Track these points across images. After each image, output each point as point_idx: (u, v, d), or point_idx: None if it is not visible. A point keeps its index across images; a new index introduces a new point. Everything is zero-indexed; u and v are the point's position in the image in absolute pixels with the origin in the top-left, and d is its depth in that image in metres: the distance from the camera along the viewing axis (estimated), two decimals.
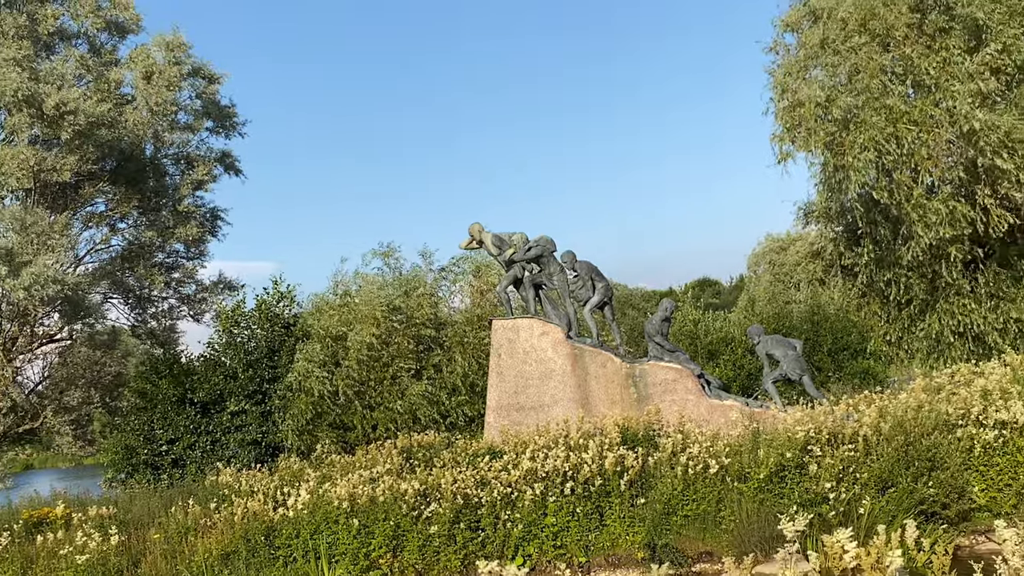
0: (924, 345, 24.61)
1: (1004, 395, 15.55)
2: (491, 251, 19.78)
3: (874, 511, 12.42)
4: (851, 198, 23.39)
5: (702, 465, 14.28)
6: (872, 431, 14.48)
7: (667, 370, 17.87)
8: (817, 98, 21.82)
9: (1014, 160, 20.00)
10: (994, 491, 14.20)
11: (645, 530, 13.91)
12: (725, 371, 24.32)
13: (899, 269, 24.08)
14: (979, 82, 20.29)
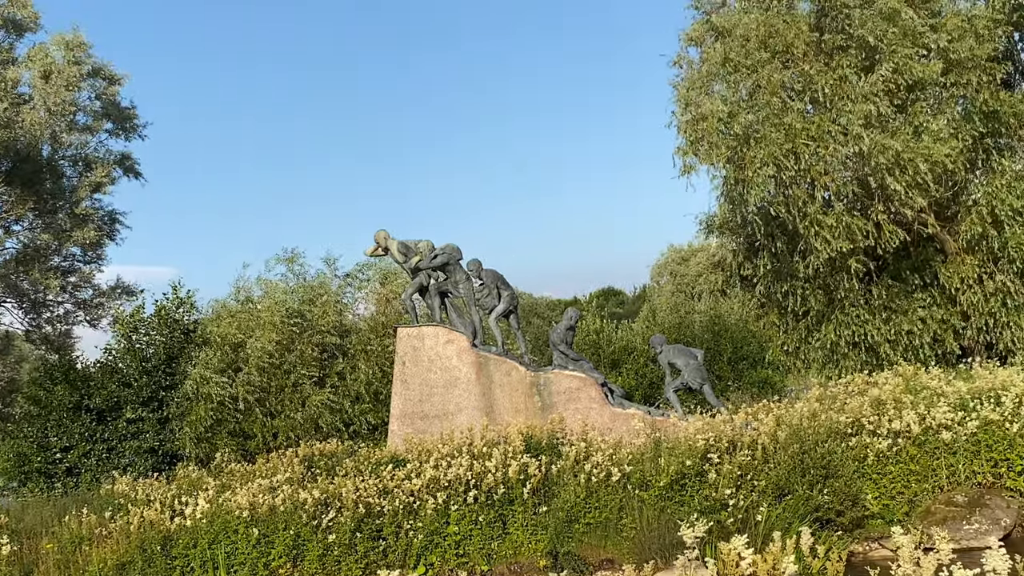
0: (820, 355, 25.23)
1: (897, 405, 16.03)
2: (397, 258, 19.72)
3: (771, 518, 12.66)
4: (751, 211, 23.86)
5: (605, 473, 14.40)
6: (769, 439, 14.78)
7: (571, 379, 18.00)
8: (719, 113, 22.21)
9: (904, 180, 20.61)
10: (887, 499, 14.62)
11: (548, 538, 13.97)
12: (628, 380, 24.55)
13: (796, 281, 24.66)
14: (871, 103, 20.89)
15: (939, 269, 23.58)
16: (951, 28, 21.77)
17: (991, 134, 23.09)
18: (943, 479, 14.81)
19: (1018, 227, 21.77)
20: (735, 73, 22.49)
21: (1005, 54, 24.08)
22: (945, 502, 14.53)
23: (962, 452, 14.83)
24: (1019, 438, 14.66)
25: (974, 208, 22.61)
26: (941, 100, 22.49)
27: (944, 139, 20.94)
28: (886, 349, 23.64)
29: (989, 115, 22.36)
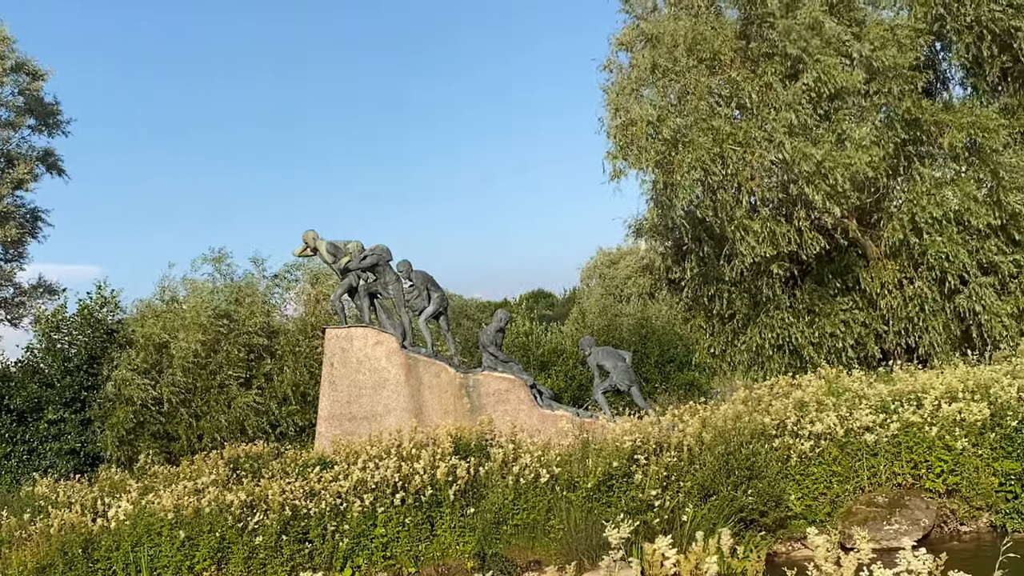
0: (746, 357, 25.53)
1: (819, 407, 16.31)
2: (326, 259, 19.59)
3: (697, 518, 12.81)
4: (679, 215, 24.09)
5: (533, 475, 14.46)
6: (695, 440, 14.96)
7: (501, 380, 18.04)
8: (649, 117, 22.37)
9: (823, 189, 20.96)
10: (810, 499, 14.87)
11: (475, 539, 14.00)
12: (557, 382, 24.68)
13: (723, 285, 24.94)
14: (794, 111, 21.22)
15: (861, 274, 24.00)
16: (874, 37, 22.18)
17: (913, 141, 23.56)
18: (864, 480, 15.11)
19: (937, 234, 22.24)
20: (664, 78, 22.68)
21: (927, 63, 24.60)
22: (866, 503, 14.82)
23: (883, 454, 15.14)
24: (938, 440, 15.00)
25: (895, 215, 23.06)
26: (864, 108, 22.90)
27: (866, 147, 21.31)
28: (809, 352, 24.01)
29: (911, 123, 22.82)
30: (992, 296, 22.39)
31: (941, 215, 22.08)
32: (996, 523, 14.62)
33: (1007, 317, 22.37)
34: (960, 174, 22.93)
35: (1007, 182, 21.83)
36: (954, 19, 22.83)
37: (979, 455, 14.89)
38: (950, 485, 14.88)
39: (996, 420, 15.31)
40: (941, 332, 22.97)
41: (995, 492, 14.74)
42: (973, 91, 24.92)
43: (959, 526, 14.85)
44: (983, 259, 22.35)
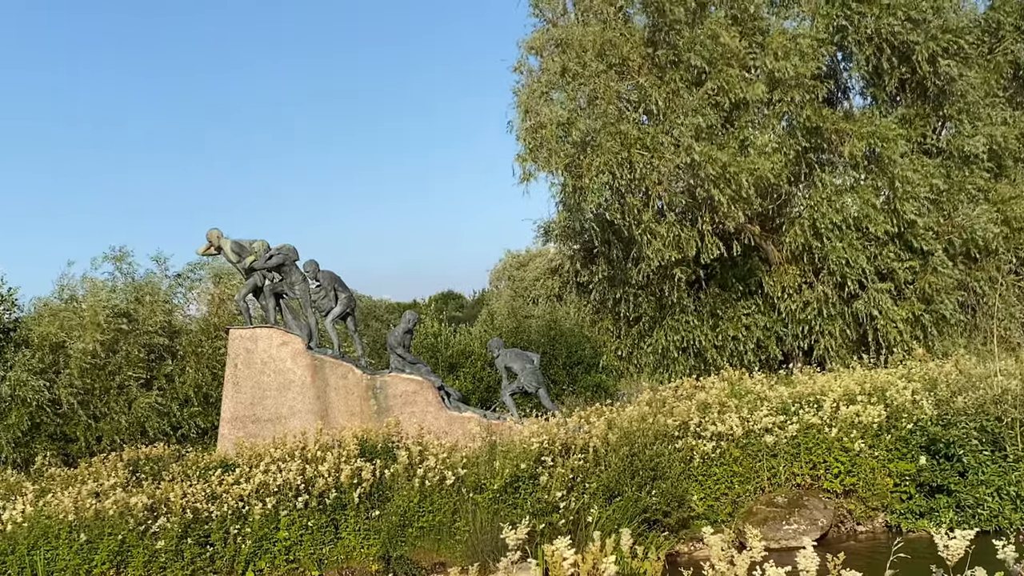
0: (652, 360, 25.87)
1: (722, 408, 16.59)
2: (230, 258, 19.26)
3: (602, 519, 12.92)
4: (588, 218, 24.30)
5: (439, 477, 14.44)
6: (601, 442, 15.09)
7: (408, 382, 17.96)
8: (559, 119, 22.52)
9: (728, 192, 21.35)
10: (712, 500, 15.12)
11: (380, 542, 13.94)
12: (465, 383, 24.64)
13: (630, 288, 25.23)
14: (700, 116, 21.57)
15: (764, 278, 24.49)
16: (777, 46, 22.64)
17: (814, 149, 24.13)
18: (765, 481, 15.41)
19: (837, 240, 22.79)
20: (574, 82, 22.86)
21: (829, 73, 25.22)
22: (766, 503, 15.11)
23: (783, 455, 15.46)
24: (836, 442, 15.37)
25: (797, 220, 23.58)
26: (766, 116, 23.39)
27: (768, 153, 21.77)
28: (713, 354, 24.43)
29: (812, 131, 23.35)
30: (888, 301, 23.03)
31: (841, 221, 22.66)
32: (891, 523, 15.03)
33: (902, 322, 23.03)
34: (860, 182, 23.55)
35: (902, 192, 22.46)
36: (855, 31, 23.44)
37: (875, 456, 15.30)
38: (847, 486, 15.25)
39: (892, 422, 15.75)
40: (838, 336, 23.57)
41: (890, 493, 15.16)
42: (873, 101, 25.62)
43: (856, 526, 15.22)
44: (881, 265, 22.97)
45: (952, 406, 16.13)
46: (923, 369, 19.19)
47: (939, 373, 18.49)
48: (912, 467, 15.04)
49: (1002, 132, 24.13)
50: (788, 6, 25.06)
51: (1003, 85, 25.77)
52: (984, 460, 14.62)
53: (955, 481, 14.54)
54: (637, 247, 23.27)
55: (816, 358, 23.88)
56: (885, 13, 22.81)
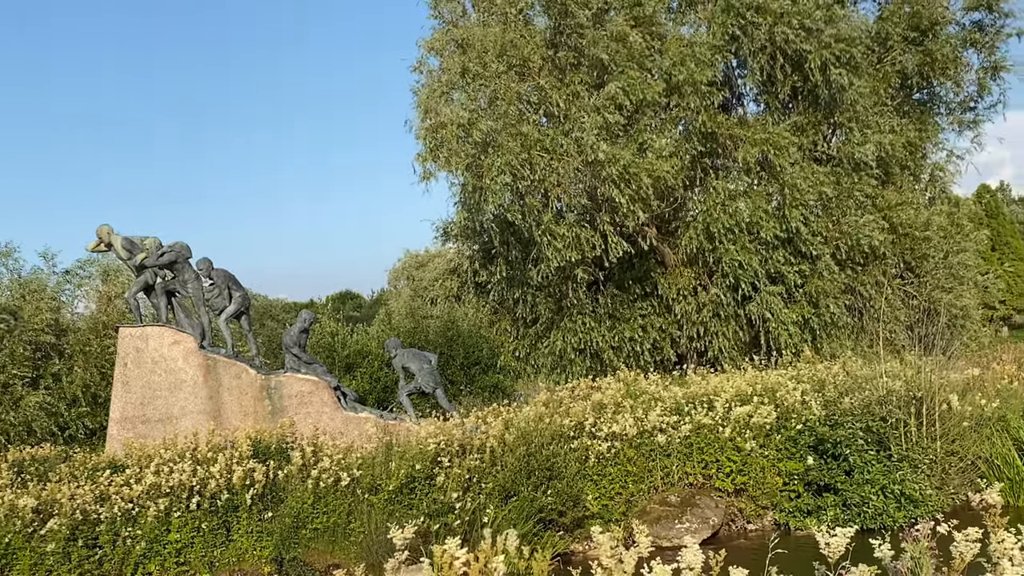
0: (549, 361, 26.01)
1: (617, 408, 16.75)
2: (121, 255, 18.79)
3: (497, 519, 12.94)
4: (488, 219, 24.32)
5: (334, 478, 14.30)
6: (498, 442, 15.10)
7: (303, 382, 17.75)
8: (460, 119, 22.47)
9: (629, 192, 21.59)
10: (606, 499, 15.24)
11: (273, 544, 13.75)
12: (362, 384, 24.46)
13: (529, 289, 25.34)
14: (604, 115, 21.75)
15: (660, 280, 24.83)
16: (674, 53, 22.99)
17: (709, 154, 24.57)
18: (658, 480, 15.60)
19: (730, 243, 23.22)
20: (474, 83, 22.85)
21: (724, 79, 25.70)
22: (660, 502, 15.30)
23: (676, 454, 15.67)
24: (728, 442, 15.64)
25: (692, 224, 23.97)
26: (664, 120, 23.73)
27: (666, 157, 22.09)
28: (610, 355, 24.67)
29: (708, 136, 23.77)
30: (780, 304, 23.55)
31: (734, 225, 23.09)
32: (780, 521, 15.33)
33: (792, 325, 23.57)
34: (752, 187, 24.03)
35: (791, 199, 22.98)
36: (749, 39, 23.90)
37: (766, 456, 15.59)
38: (738, 485, 15.52)
39: (782, 422, 16.07)
40: (731, 338, 24.01)
41: (779, 491, 15.46)
42: (766, 108, 26.17)
43: (746, 524, 15.50)
44: (772, 269, 23.46)
45: (839, 407, 16.53)
46: (812, 370, 19.65)
47: (827, 374, 18.94)
48: (800, 466, 15.37)
49: (890, 140, 24.87)
50: (685, 13, 25.50)
51: (891, 94, 26.58)
52: (869, 459, 14.99)
53: (841, 480, 14.90)
54: (537, 248, 23.37)
55: (710, 359, 24.28)
56: (779, 22, 23.30)
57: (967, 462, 15.85)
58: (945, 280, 26.53)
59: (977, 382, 19.13)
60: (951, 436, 15.85)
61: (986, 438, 16.29)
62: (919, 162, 28.12)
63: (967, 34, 27.25)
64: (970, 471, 15.78)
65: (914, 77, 26.72)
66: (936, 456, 15.53)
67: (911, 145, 26.54)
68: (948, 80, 27.42)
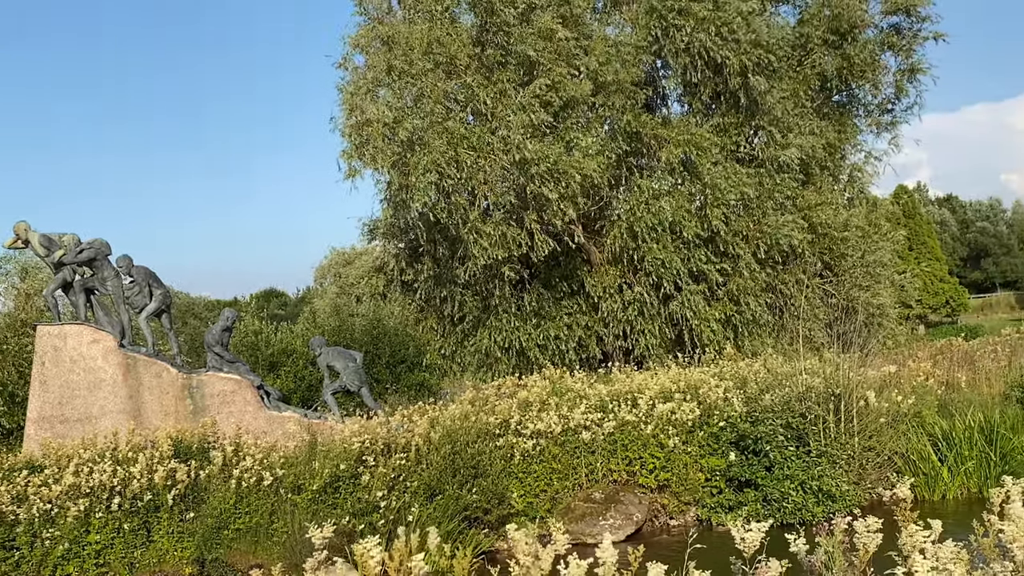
0: (475, 359, 26.04)
1: (543, 406, 16.84)
2: (38, 252, 18.38)
3: (422, 518, 12.93)
4: (414, 217, 24.24)
5: (257, 478, 14.18)
6: (423, 441, 15.10)
7: (226, 381, 17.56)
8: (385, 118, 22.36)
9: (558, 190, 21.70)
10: (531, 496, 15.32)
11: (195, 545, 13.60)
12: (286, 382, 24.24)
13: (455, 287, 25.34)
14: (531, 113, 21.82)
15: (586, 279, 24.99)
16: (600, 52, 23.15)
17: (634, 154, 24.79)
18: (583, 477, 15.72)
19: (654, 242, 23.45)
20: (400, 80, 22.77)
21: (648, 80, 25.96)
22: (584, 499, 15.41)
23: (600, 451, 15.81)
24: (652, 438, 15.81)
25: (617, 223, 24.17)
26: (590, 119, 23.89)
27: (592, 155, 22.23)
28: (536, 353, 24.77)
29: (632, 135, 23.98)
30: (702, 303, 23.85)
31: (657, 224, 23.32)
32: (702, 517, 15.54)
33: (715, 322, 23.89)
34: (676, 187, 24.29)
35: (712, 199, 23.29)
36: (671, 42, 24.15)
37: (688, 452, 15.80)
38: (661, 481, 15.71)
39: (704, 419, 16.30)
40: (656, 335, 24.25)
41: (702, 487, 15.68)
42: (689, 109, 26.50)
43: (669, 520, 15.68)
44: (694, 268, 23.75)
45: (760, 403, 16.81)
46: (734, 368, 19.95)
47: (749, 372, 19.24)
48: (722, 463, 15.60)
49: (810, 142, 25.32)
50: (610, 13, 25.68)
51: (811, 96, 27.07)
52: (789, 455, 15.26)
53: (762, 476, 15.15)
54: (463, 246, 23.38)
55: (635, 357, 24.51)
56: (700, 27, 23.58)
57: (884, 457, 16.20)
58: (863, 279, 27.10)
59: (894, 379, 19.56)
60: (868, 432, 16.19)
61: (902, 434, 16.65)
62: (838, 163, 28.71)
63: (885, 37, 27.87)
64: (887, 466, 16.13)
65: (834, 80, 27.26)
66: (854, 452, 15.85)
67: (831, 146, 27.07)
68: (867, 83, 28.02)
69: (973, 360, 22.80)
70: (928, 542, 5.24)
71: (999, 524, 5.69)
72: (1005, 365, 21.95)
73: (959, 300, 68.75)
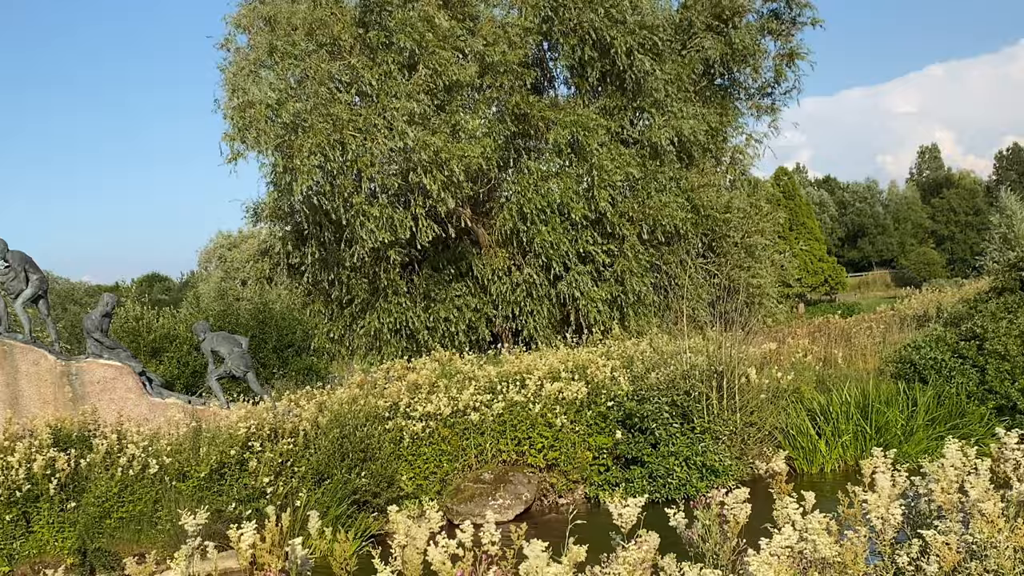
0: (364, 342, 25.89)
1: (432, 389, 16.88)
2: None
3: (310, 503, 12.88)
4: (299, 200, 23.89)
5: (140, 465, 13.93)
6: (311, 425, 15.02)
7: (107, 368, 17.15)
8: (268, 100, 21.95)
9: (440, 179, 21.63)
10: (421, 479, 15.38)
11: (76, 535, 13.31)
12: (170, 368, 23.81)
13: (343, 270, 25.10)
14: (414, 101, 21.71)
15: (474, 261, 25.03)
16: (487, 33, 23.14)
17: (522, 135, 24.87)
18: (472, 458, 15.82)
19: (543, 224, 23.61)
20: (283, 61, 22.38)
21: (536, 61, 26.06)
22: (474, 480, 15.52)
23: (489, 432, 15.92)
24: (540, 418, 15.98)
25: (506, 205, 24.25)
26: (477, 101, 23.87)
27: (479, 138, 22.23)
28: (425, 336, 24.73)
29: (520, 117, 24.06)
30: (589, 283, 24.12)
31: (546, 206, 23.48)
32: (590, 494, 15.80)
33: (601, 303, 24.19)
34: (564, 169, 24.47)
35: (599, 180, 23.54)
36: (560, 23, 24.30)
37: (576, 431, 16.03)
38: (550, 460, 15.90)
39: (592, 398, 16.54)
40: (544, 316, 24.45)
41: (590, 465, 15.94)
42: (577, 91, 26.69)
43: (558, 498, 15.90)
44: (582, 249, 23.99)
45: (646, 382, 17.13)
46: (621, 347, 20.25)
47: (635, 351, 19.57)
48: (609, 441, 15.87)
49: (692, 125, 25.75)
50: None
51: (694, 79, 27.53)
52: (674, 432, 15.60)
53: (648, 453, 15.45)
54: (350, 229, 23.17)
55: (524, 338, 24.67)
56: (587, 8, 23.78)
57: (764, 432, 16.70)
58: (744, 259, 27.74)
59: (774, 356, 20.16)
60: (750, 408, 16.66)
61: (782, 409, 17.18)
62: (720, 145, 29.26)
63: (765, 22, 28.51)
64: (767, 441, 16.63)
65: (716, 64, 27.74)
66: (736, 427, 16.29)
67: (713, 129, 27.56)
68: (748, 67, 28.61)
69: (849, 337, 23.59)
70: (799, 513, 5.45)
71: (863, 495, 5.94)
72: (879, 341, 22.78)
73: (837, 279, 70.97)
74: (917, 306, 31.74)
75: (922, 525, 5.78)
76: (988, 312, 19.73)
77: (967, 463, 6.03)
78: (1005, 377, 17.63)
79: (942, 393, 17.61)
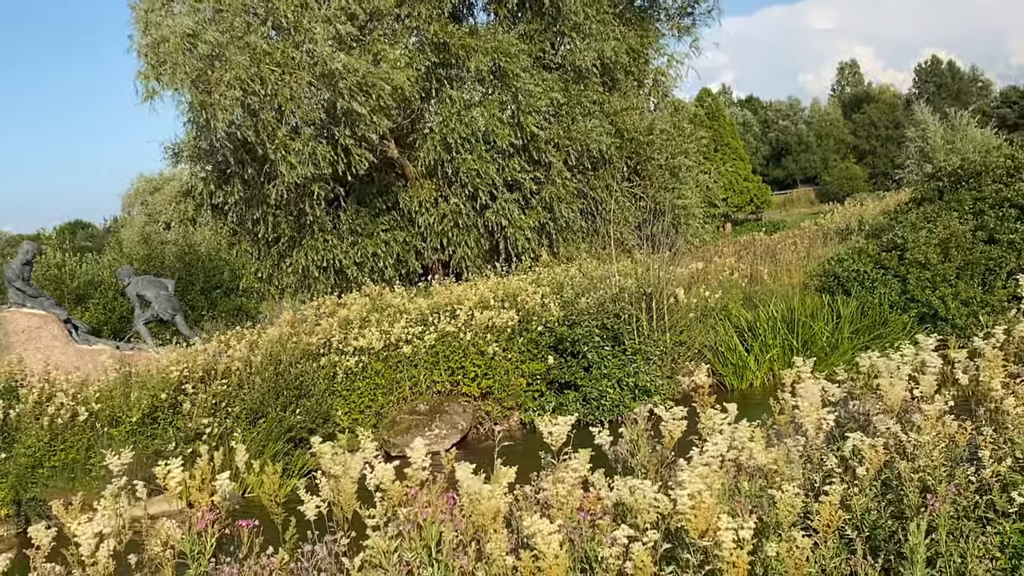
0: (293, 280, 25.67)
1: (363, 323, 16.86)
2: None
3: (246, 442, 12.86)
4: (220, 137, 23.44)
5: (71, 413, 13.79)
6: (244, 365, 14.95)
7: (30, 317, 16.86)
8: (185, 29, 21.40)
9: (369, 104, 21.39)
10: (356, 413, 15.43)
11: (9, 486, 13.18)
12: (96, 315, 23.45)
13: (268, 207, 24.77)
14: (336, 25, 21.33)
15: (401, 194, 24.86)
16: None
17: (443, 65, 24.60)
18: (407, 390, 15.90)
19: (468, 153, 23.49)
20: None
21: None
22: (409, 411, 15.62)
23: (423, 364, 16.00)
24: (472, 347, 16.08)
25: (430, 136, 24.06)
26: (397, 31, 23.53)
27: (401, 68, 21.96)
28: (354, 271, 24.60)
29: (440, 46, 23.79)
30: (517, 211, 24.12)
31: (470, 135, 23.35)
32: (525, 420, 15.98)
33: (530, 230, 24.23)
34: (487, 97, 24.29)
35: (525, 105, 23.42)
36: None
37: (509, 359, 16.16)
38: (484, 388, 16.04)
39: (523, 325, 16.66)
40: (473, 246, 24.44)
41: (524, 392, 16.11)
42: (496, 17, 26.38)
43: (494, 425, 16.05)
44: (508, 177, 23.92)
45: (577, 307, 17.29)
46: (550, 274, 20.36)
47: (565, 277, 19.70)
48: (542, 366, 16.03)
49: (613, 46, 25.69)
50: None
51: (613, 2, 27.36)
52: (605, 355, 15.80)
53: (581, 376, 15.65)
54: (272, 166, 22.84)
55: (454, 269, 24.66)
56: None
57: (695, 351, 16.99)
58: (669, 181, 27.90)
59: (701, 275, 20.42)
60: (679, 328, 16.92)
61: (711, 327, 17.47)
62: (642, 68, 29.21)
63: None
64: (698, 359, 16.91)
65: None
66: (666, 347, 16.55)
67: (633, 51, 27.50)
68: None
69: (775, 253, 23.92)
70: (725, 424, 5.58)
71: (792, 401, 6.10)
72: (804, 256, 23.13)
73: (763, 197, 71.80)
74: (840, 220, 32.31)
75: (849, 430, 5.95)
76: (908, 223, 20.13)
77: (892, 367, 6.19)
78: (926, 285, 18.05)
79: (865, 304, 17.99)
